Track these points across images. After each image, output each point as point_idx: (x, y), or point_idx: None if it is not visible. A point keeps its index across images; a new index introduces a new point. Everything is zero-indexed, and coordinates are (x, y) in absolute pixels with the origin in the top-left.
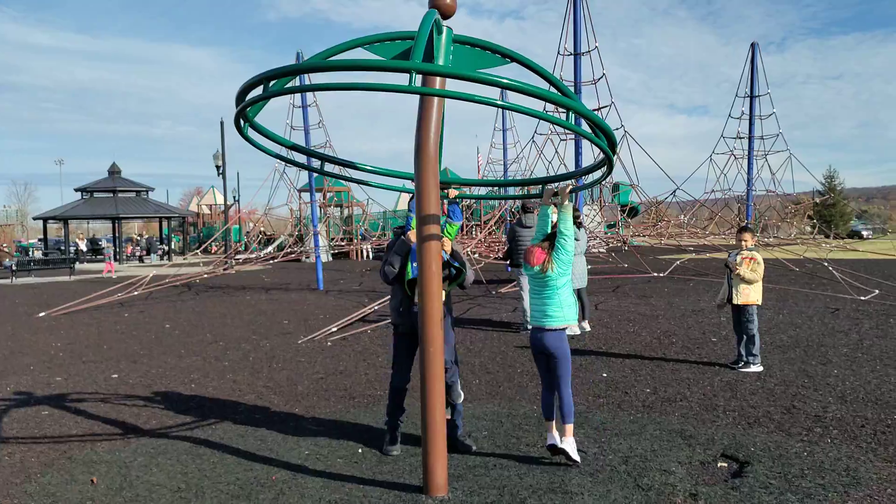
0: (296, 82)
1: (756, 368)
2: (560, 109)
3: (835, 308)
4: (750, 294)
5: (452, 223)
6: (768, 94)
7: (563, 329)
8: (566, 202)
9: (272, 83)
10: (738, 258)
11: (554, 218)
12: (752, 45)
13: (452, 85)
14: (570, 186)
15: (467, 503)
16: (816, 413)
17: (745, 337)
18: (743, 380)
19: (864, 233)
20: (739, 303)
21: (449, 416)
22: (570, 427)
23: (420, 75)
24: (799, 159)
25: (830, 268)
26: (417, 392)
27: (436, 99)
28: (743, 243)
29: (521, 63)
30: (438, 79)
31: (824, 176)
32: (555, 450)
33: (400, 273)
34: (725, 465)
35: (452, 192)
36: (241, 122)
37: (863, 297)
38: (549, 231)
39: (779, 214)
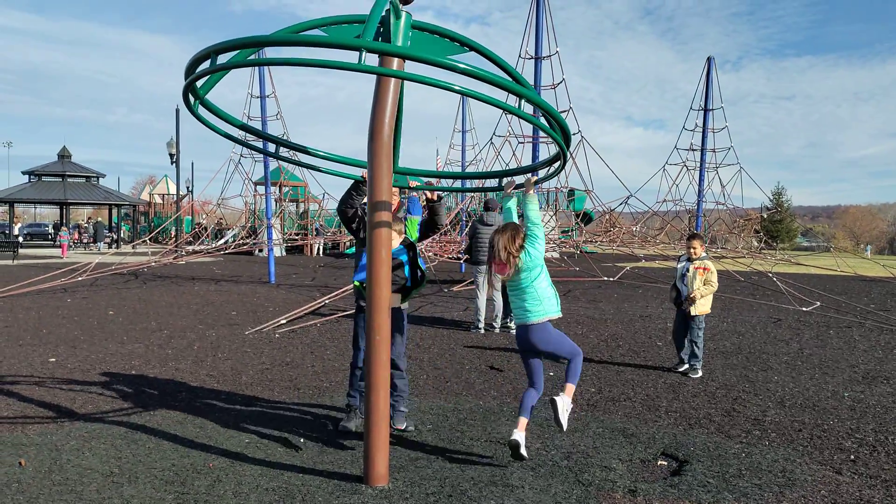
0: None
1: (698, 374)
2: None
3: (777, 318)
4: (704, 304)
5: (411, 217)
6: (721, 108)
7: (545, 322)
8: (531, 192)
9: (219, 58)
10: (691, 269)
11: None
12: (709, 59)
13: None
14: (535, 178)
15: (407, 494)
16: (756, 416)
17: (692, 344)
18: (685, 382)
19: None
20: (695, 313)
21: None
22: (571, 387)
23: (375, 56)
24: (749, 174)
25: (775, 279)
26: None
27: (392, 83)
28: (692, 251)
29: (478, 52)
30: (396, 61)
31: (773, 192)
32: (515, 447)
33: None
34: (665, 463)
35: (413, 184)
36: (191, 97)
37: (805, 309)
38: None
39: (727, 227)
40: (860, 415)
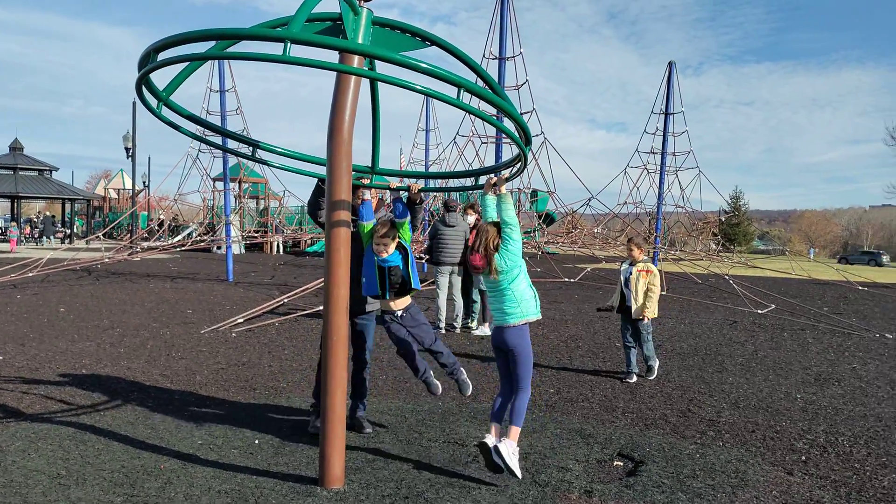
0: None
1: (655, 371)
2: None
3: (733, 320)
4: (652, 308)
5: (400, 221)
6: (682, 112)
7: (524, 325)
8: (503, 190)
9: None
10: (634, 272)
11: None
12: (670, 63)
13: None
14: (505, 175)
15: (363, 496)
16: (710, 417)
17: (644, 349)
18: (642, 383)
19: (883, 257)
20: (645, 318)
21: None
22: (515, 430)
23: (338, 52)
24: (708, 178)
25: (732, 282)
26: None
27: (352, 80)
28: (630, 253)
29: (441, 47)
30: (356, 58)
31: (731, 196)
32: (484, 450)
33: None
34: (621, 463)
35: (394, 184)
36: (151, 99)
37: (760, 311)
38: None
39: (686, 230)
40: (812, 416)
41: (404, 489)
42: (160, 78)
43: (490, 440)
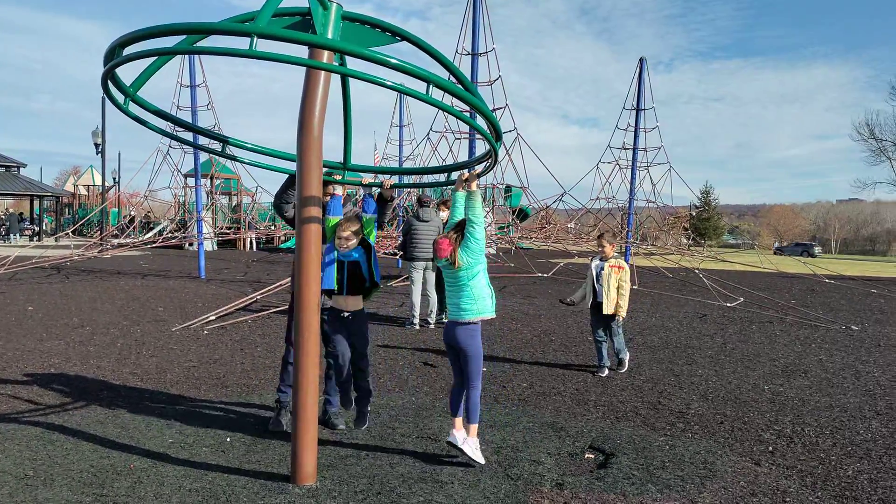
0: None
1: (626, 364)
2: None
3: (703, 313)
4: (623, 305)
5: (368, 216)
6: (653, 108)
7: (477, 323)
8: (474, 188)
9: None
10: (606, 267)
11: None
12: (641, 59)
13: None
14: (477, 172)
15: (335, 492)
16: (680, 409)
17: (615, 343)
18: (614, 377)
19: (815, 249)
20: (611, 313)
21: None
22: (474, 427)
23: (310, 48)
24: (679, 173)
25: (702, 276)
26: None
27: (322, 76)
28: (602, 249)
29: (412, 42)
30: (326, 53)
31: (701, 191)
32: (454, 448)
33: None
34: (592, 456)
35: (366, 180)
36: (109, 84)
37: (729, 304)
38: (459, 221)
39: (657, 225)
40: (779, 407)
41: (377, 485)
42: (129, 73)
43: (455, 436)
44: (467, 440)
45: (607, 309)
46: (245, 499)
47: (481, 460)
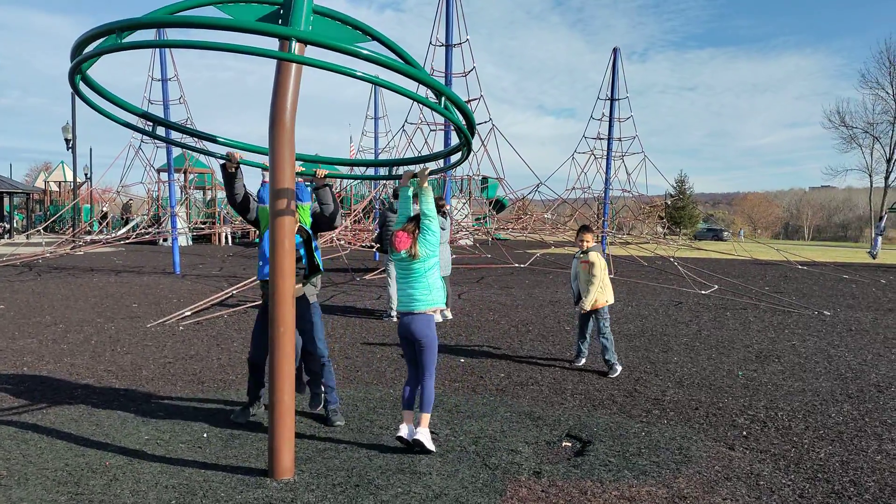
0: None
1: (618, 371)
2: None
3: (679, 301)
4: (601, 296)
5: (301, 204)
6: (627, 98)
7: (432, 314)
8: (425, 184)
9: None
10: (577, 263)
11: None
12: (614, 50)
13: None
14: (429, 169)
15: (313, 485)
16: (656, 396)
17: (603, 341)
18: (590, 365)
19: (725, 234)
20: (591, 308)
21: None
22: (426, 417)
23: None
24: (653, 162)
25: (677, 264)
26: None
27: (293, 67)
28: (583, 244)
29: (381, 42)
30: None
31: (676, 180)
32: (404, 442)
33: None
34: (570, 444)
35: (321, 172)
36: (76, 78)
37: (703, 292)
38: (412, 214)
39: (633, 214)
40: (753, 392)
41: (355, 477)
42: (97, 69)
43: (404, 430)
44: (421, 430)
45: (583, 306)
46: (223, 494)
47: (434, 448)
